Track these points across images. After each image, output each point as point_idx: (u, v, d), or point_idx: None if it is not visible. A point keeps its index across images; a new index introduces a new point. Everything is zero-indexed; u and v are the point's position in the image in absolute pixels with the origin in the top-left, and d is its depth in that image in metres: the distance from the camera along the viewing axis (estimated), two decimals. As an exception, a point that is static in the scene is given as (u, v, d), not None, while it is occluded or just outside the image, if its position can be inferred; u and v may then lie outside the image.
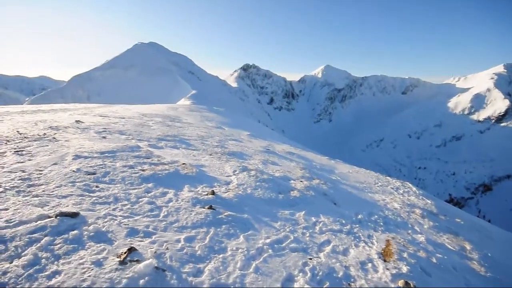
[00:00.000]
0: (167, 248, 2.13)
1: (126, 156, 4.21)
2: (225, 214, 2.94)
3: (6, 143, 3.98)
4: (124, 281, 1.67)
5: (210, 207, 3.00)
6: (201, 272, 1.97)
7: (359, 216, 3.94)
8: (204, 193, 3.41)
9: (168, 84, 58.26)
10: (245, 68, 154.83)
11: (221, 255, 2.23)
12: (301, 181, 5.04)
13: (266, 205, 3.63)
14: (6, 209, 2.23)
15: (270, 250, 2.47)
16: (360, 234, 3.28)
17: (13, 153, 3.57)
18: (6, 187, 2.60)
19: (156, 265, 1.86)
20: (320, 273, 2.27)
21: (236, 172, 4.64)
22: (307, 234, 2.98)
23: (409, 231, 3.83)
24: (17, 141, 4.15)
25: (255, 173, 4.68)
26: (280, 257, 2.41)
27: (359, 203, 4.81)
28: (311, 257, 2.49)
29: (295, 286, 2.06)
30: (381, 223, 3.87)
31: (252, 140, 9.74)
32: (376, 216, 4.12)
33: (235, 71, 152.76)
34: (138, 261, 1.87)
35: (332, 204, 4.31)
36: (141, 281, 1.70)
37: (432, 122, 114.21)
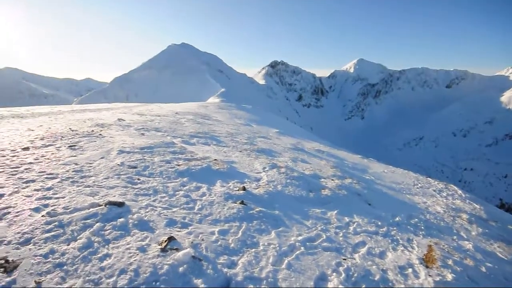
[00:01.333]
0: (202, 239, 2.22)
1: (162, 151, 4.47)
2: (256, 210, 2.98)
3: (61, 139, 4.46)
4: (165, 267, 1.79)
5: (242, 202, 3.06)
6: (235, 264, 2.02)
7: (397, 219, 3.71)
8: (235, 189, 3.49)
9: (199, 83, 60.29)
10: (273, 65, 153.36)
11: (253, 250, 2.26)
12: (333, 180, 4.89)
13: (296, 202, 3.59)
14: (63, 197, 2.51)
15: (302, 248, 2.44)
16: (399, 237, 3.09)
17: (67, 148, 4.00)
18: (63, 178, 2.93)
19: (193, 254, 1.96)
20: (355, 275, 2.19)
21: (265, 169, 4.66)
22: (340, 234, 2.89)
23: (454, 237, 3.51)
24: (70, 137, 4.64)
25: (285, 170, 4.65)
26: (312, 255, 2.37)
27: (396, 204, 4.54)
28: (345, 258, 2.42)
29: (329, 286, 2.02)
30: (422, 227, 3.60)
31: (281, 137, 9.69)
32: (416, 220, 3.84)
33: (263, 68, 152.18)
34: (177, 250, 1.99)
35: (366, 204, 4.12)
36: (181, 269, 1.81)
37: (482, 118, 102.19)
